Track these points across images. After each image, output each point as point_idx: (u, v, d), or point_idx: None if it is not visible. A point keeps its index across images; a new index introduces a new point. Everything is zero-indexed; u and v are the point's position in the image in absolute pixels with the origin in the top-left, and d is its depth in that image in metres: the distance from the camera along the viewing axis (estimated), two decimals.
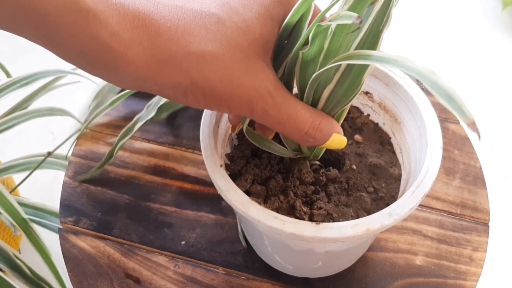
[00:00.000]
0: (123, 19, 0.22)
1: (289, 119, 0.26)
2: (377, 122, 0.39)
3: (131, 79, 0.24)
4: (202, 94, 0.24)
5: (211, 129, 0.33)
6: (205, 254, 0.41)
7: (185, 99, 0.25)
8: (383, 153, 0.37)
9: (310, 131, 0.27)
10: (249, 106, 0.25)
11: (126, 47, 0.22)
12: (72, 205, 0.45)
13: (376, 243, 0.42)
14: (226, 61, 0.24)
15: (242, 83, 0.24)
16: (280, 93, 0.26)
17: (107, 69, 0.23)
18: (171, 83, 0.24)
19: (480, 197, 0.45)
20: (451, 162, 0.47)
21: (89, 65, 0.23)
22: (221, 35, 0.24)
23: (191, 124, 0.51)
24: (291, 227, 0.27)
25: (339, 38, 0.24)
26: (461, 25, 1.39)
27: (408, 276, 0.40)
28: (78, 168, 0.47)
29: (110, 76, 0.24)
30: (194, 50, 0.23)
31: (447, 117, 0.51)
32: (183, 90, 0.24)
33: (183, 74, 0.23)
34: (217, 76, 0.24)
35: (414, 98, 0.34)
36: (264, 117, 0.26)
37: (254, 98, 0.25)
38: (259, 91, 0.25)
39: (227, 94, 0.24)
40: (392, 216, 0.28)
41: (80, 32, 0.21)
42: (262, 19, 0.25)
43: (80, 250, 0.42)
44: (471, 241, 0.42)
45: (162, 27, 0.23)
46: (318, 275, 0.40)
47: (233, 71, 0.24)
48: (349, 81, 0.25)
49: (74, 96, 1.01)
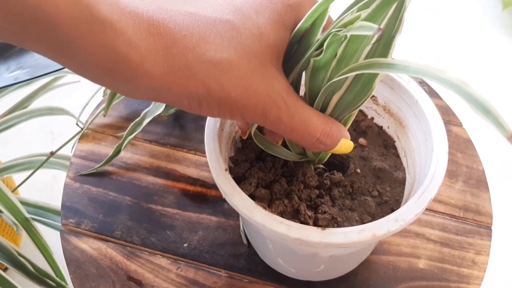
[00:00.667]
0: (139, 28, 0.22)
1: (302, 126, 0.26)
2: (381, 126, 0.39)
3: (147, 89, 0.23)
4: (217, 102, 0.24)
5: (215, 133, 0.32)
6: (207, 256, 0.41)
7: (199, 108, 0.24)
8: (388, 157, 0.37)
9: (321, 137, 0.27)
10: (263, 113, 0.25)
11: (143, 57, 0.22)
12: (74, 207, 0.45)
13: (379, 247, 0.42)
14: (242, 68, 0.23)
15: (257, 90, 0.24)
16: (293, 100, 0.26)
17: (123, 80, 0.22)
18: (188, 92, 0.23)
19: (483, 200, 0.45)
20: (454, 165, 0.47)
21: (104, 77, 0.22)
22: (236, 42, 0.23)
23: (194, 126, 0.51)
24: (297, 232, 0.27)
25: (354, 45, 0.24)
26: (461, 25, 1.39)
27: (411, 280, 0.40)
28: (79, 168, 0.47)
29: (126, 87, 0.23)
30: (210, 59, 0.23)
31: (450, 119, 0.51)
32: (198, 99, 0.24)
33: (200, 83, 0.23)
34: (233, 84, 0.23)
35: (419, 102, 0.34)
36: (278, 124, 0.25)
37: (269, 106, 0.25)
38: (273, 98, 0.25)
39: (242, 102, 0.24)
40: (398, 221, 0.28)
41: (96, 42, 0.21)
42: (275, 25, 0.25)
43: (82, 252, 0.41)
44: (474, 245, 0.42)
45: (177, 35, 0.23)
46: (321, 278, 0.39)
47: (249, 78, 0.24)
48: (358, 87, 0.25)
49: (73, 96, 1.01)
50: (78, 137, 0.50)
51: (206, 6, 0.24)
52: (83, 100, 0.57)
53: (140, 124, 0.47)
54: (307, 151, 0.32)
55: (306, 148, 0.28)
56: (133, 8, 0.22)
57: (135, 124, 0.47)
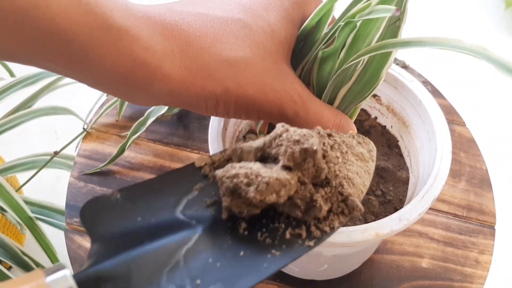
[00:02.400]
0: (153, 31, 0.22)
1: (316, 119, 0.26)
2: (384, 125, 0.39)
3: (164, 94, 0.23)
4: (234, 102, 0.24)
5: (219, 132, 0.32)
6: None
7: (215, 109, 0.24)
8: (391, 156, 0.37)
9: (333, 128, 0.27)
10: (280, 110, 0.25)
11: (160, 61, 0.22)
12: (78, 206, 0.45)
13: (382, 246, 0.42)
14: (257, 66, 0.24)
15: (273, 87, 0.24)
16: (307, 94, 0.26)
17: (141, 86, 0.22)
18: (205, 93, 0.23)
19: (486, 199, 0.45)
20: (457, 165, 0.47)
21: (121, 86, 0.22)
22: (249, 41, 0.24)
23: (197, 125, 0.51)
24: None
25: (363, 33, 0.24)
26: (463, 24, 1.39)
27: (414, 279, 0.40)
28: (83, 168, 0.47)
29: (142, 93, 0.23)
30: (226, 58, 0.23)
31: (453, 119, 0.51)
32: (216, 99, 0.24)
33: (218, 83, 0.23)
34: (250, 82, 0.23)
35: (423, 101, 0.34)
36: (294, 119, 0.26)
37: (285, 102, 0.25)
38: (290, 94, 0.25)
39: (260, 100, 0.24)
40: (402, 221, 0.28)
41: (114, 51, 0.20)
42: (284, 21, 0.25)
43: (86, 251, 0.41)
44: (477, 244, 0.42)
45: (192, 36, 0.22)
46: (325, 277, 0.40)
47: (265, 76, 0.24)
48: (367, 77, 0.26)
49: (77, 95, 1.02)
50: (82, 136, 0.50)
51: (215, 6, 0.24)
52: (87, 99, 0.57)
53: (144, 124, 0.48)
54: None
55: None
56: (145, 12, 0.22)
57: (139, 123, 0.48)
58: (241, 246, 0.21)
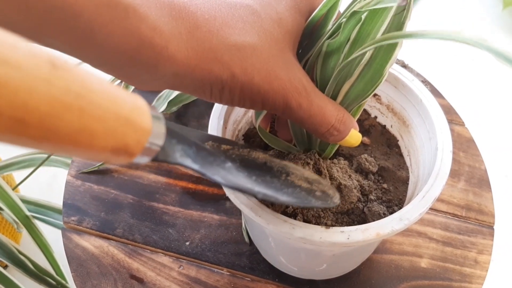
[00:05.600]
0: (161, 11, 0.21)
1: (319, 112, 0.26)
2: (384, 125, 0.38)
3: (170, 76, 0.22)
4: (240, 89, 0.23)
5: (219, 131, 0.32)
6: (209, 255, 0.41)
7: (220, 95, 0.24)
8: (391, 156, 0.37)
9: (336, 124, 0.27)
10: (285, 100, 0.24)
11: (167, 41, 0.21)
12: (75, 205, 0.44)
13: (382, 246, 0.42)
14: (264, 53, 0.23)
15: (278, 76, 0.24)
16: (311, 86, 0.25)
17: (146, 67, 0.21)
18: (211, 77, 0.23)
19: (485, 199, 0.45)
20: (456, 164, 0.47)
21: (125, 66, 0.21)
22: (258, 27, 0.23)
23: (195, 124, 0.50)
24: (301, 231, 0.27)
25: (368, 27, 0.24)
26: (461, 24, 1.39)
27: (413, 279, 0.40)
28: (81, 166, 0.47)
29: (147, 74, 0.22)
30: (234, 42, 0.22)
31: (452, 119, 0.50)
32: (221, 85, 0.23)
33: (224, 67, 0.22)
34: (256, 69, 0.23)
35: (424, 101, 0.33)
36: (297, 111, 0.25)
37: (290, 92, 0.24)
38: (294, 84, 0.24)
39: (264, 88, 0.24)
40: (403, 220, 0.28)
41: (120, 29, 0.20)
42: (292, 11, 0.25)
43: (84, 250, 0.41)
44: (476, 244, 0.42)
45: (200, 18, 0.22)
46: (324, 277, 0.39)
47: (271, 63, 0.23)
48: (370, 74, 0.25)
49: None
50: None
51: None
52: None
53: None
54: (313, 146, 0.32)
55: (320, 136, 0.27)
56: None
57: None
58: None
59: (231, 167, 0.24)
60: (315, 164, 0.31)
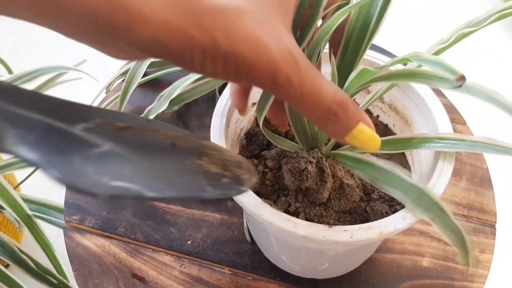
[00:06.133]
0: None
1: (312, 90, 0.23)
2: (386, 124, 0.38)
3: (146, 41, 0.20)
4: (223, 58, 0.21)
5: (221, 131, 0.32)
6: (211, 254, 0.41)
7: (202, 65, 0.22)
8: (393, 155, 0.37)
9: (332, 106, 0.23)
10: (272, 72, 0.22)
11: (141, 3, 0.19)
12: (77, 204, 0.44)
13: (383, 245, 0.42)
14: (250, 20, 0.21)
15: (267, 45, 0.21)
16: (303, 59, 0.23)
17: (120, 32, 0.20)
18: (191, 43, 0.21)
19: (487, 198, 0.45)
20: (458, 164, 0.47)
21: (95, 31, 0.20)
22: None
23: (197, 123, 0.50)
24: (304, 230, 0.27)
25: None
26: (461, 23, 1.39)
27: (415, 278, 0.40)
28: None
29: (123, 41, 0.20)
30: (217, 6, 0.20)
31: (454, 118, 0.50)
32: (202, 53, 0.21)
33: (205, 33, 0.20)
34: (241, 36, 0.21)
35: (426, 100, 0.33)
36: (286, 87, 0.23)
37: (278, 65, 0.22)
38: (284, 55, 0.22)
39: (251, 59, 0.21)
40: (406, 219, 0.28)
41: None
42: None
43: (85, 249, 0.41)
44: (478, 243, 0.42)
45: None
46: (325, 276, 0.39)
47: (258, 31, 0.21)
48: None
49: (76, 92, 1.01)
50: None
51: None
52: (85, 96, 0.56)
53: None
54: (318, 144, 0.32)
55: (317, 123, 0.25)
56: None
57: None
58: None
59: (107, 154, 0.19)
60: (317, 162, 0.31)
